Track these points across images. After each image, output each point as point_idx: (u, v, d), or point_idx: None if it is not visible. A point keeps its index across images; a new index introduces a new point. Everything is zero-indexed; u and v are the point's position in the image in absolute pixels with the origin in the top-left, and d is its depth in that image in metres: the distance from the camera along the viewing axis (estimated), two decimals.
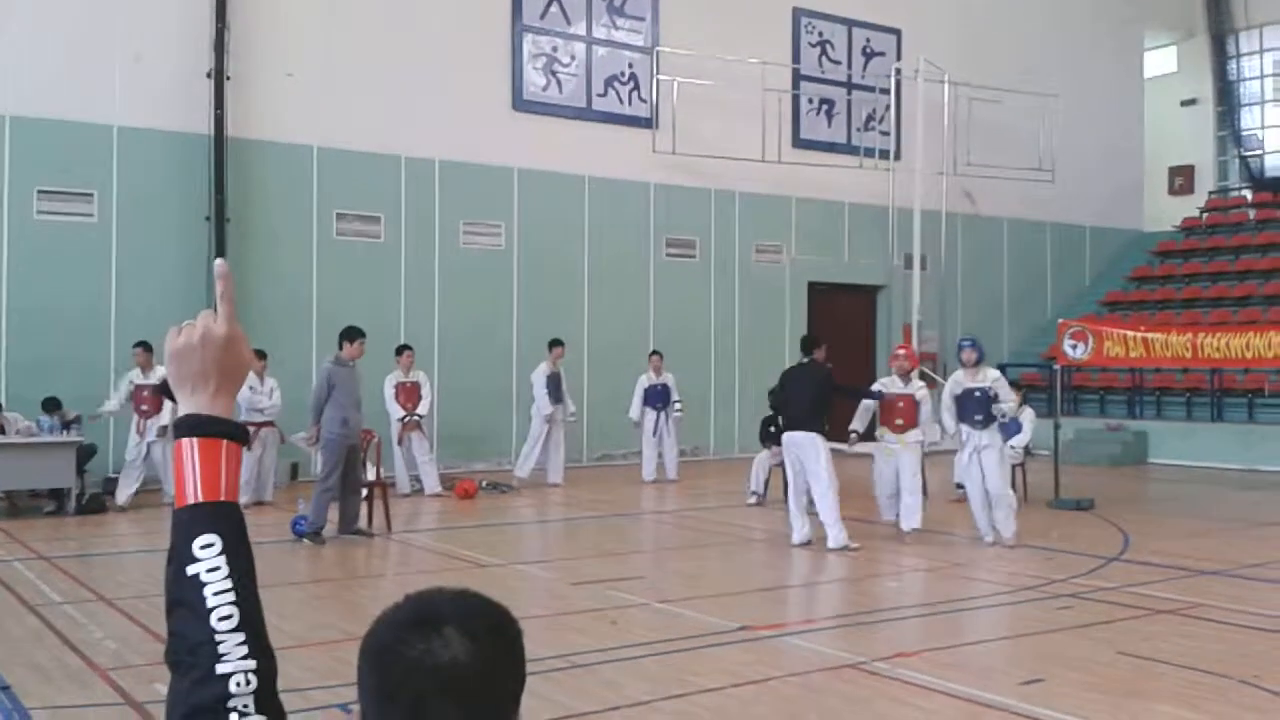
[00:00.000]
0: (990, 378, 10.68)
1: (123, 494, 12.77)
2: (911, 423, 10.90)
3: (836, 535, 10.20)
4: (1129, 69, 25.11)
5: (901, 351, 11.68)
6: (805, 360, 10.95)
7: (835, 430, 10.94)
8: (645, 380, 15.96)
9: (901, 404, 10.94)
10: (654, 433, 15.79)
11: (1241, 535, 11.66)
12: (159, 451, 12.74)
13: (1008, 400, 10.64)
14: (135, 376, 12.94)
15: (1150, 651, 6.67)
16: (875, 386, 11.49)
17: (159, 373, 12.86)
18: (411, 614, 1.43)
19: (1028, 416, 14.06)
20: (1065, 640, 7.04)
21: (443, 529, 12.25)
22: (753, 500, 13.40)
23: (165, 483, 12.77)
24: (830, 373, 10.87)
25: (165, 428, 12.82)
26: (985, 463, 10.39)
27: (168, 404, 12.77)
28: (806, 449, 10.35)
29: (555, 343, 15.42)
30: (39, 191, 14.21)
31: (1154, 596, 8.30)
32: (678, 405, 16.01)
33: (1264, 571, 9.35)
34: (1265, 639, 7.10)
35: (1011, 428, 13.86)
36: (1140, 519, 12.49)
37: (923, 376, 19.33)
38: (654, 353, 16.29)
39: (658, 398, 15.85)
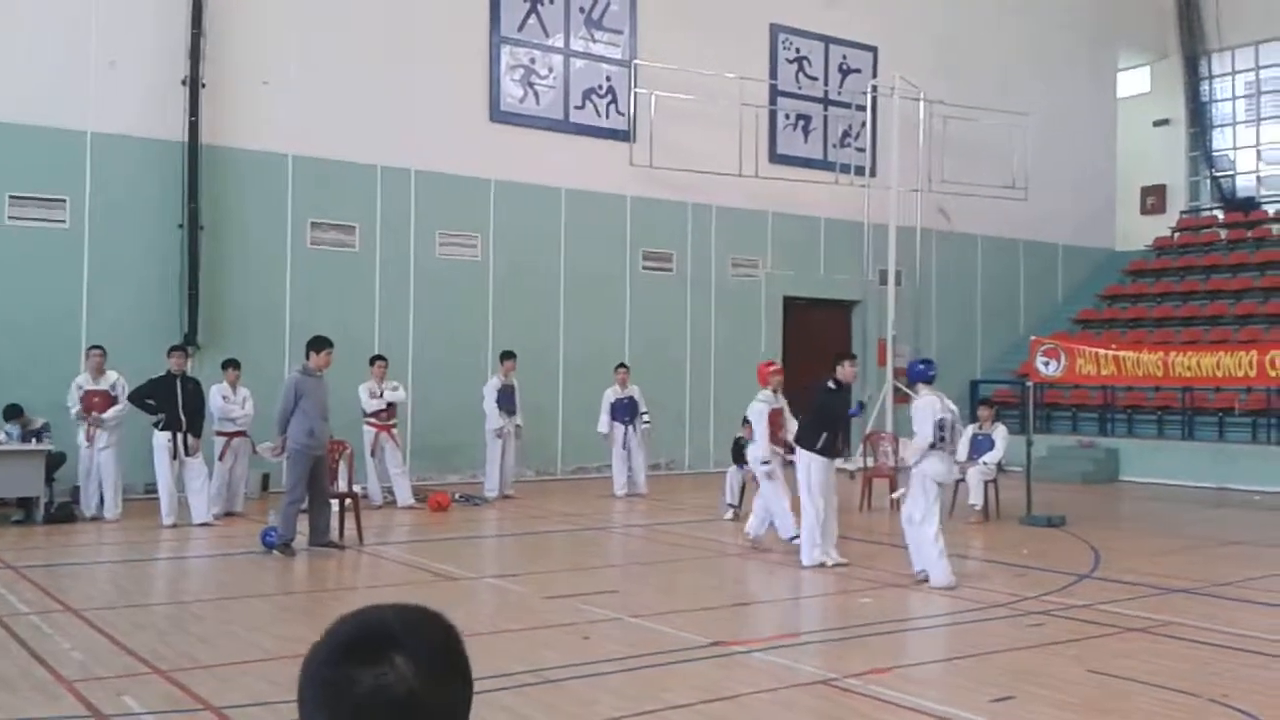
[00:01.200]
0: (917, 403, 9.96)
1: (89, 504, 12.64)
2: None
3: (807, 553, 10.23)
4: (1103, 89, 25.35)
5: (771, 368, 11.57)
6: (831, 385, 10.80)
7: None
8: (611, 394, 15.90)
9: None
10: (623, 446, 15.76)
11: (1212, 553, 11.73)
12: (109, 459, 12.60)
13: (920, 427, 9.68)
14: (84, 381, 12.79)
15: (1120, 669, 6.70)
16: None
17: (109, 378, 12.75)
18: (353, 644, 1.37)
19: (1000, 433, 14.14)
20: (1036, 658, 7.06)
21: (415, 541, 12.18)
22: (729, 515, 13.36)
23: (107, 491, 12.61)
24: (826, 391, 10.60)
25: (100, 420, 12.60)
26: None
27: (114, 409, 12.65)
28: (799, 465, 10.44)
29: (506, 355, 15.46)
30: (10, 197, 14.09)
31: (1124, 614, 8.34)
32: (645, 417, 15.97)
33: (1234, 590, 9.40)
34: (1235, 657, 7.14)
35: (984, 444, 13.95)
36: (1111, 536, 12.55)
37: (896, 392, 19.55)
38: (620, 365, 16.27)
39: (625, 411, 15.80)
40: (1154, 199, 26.69)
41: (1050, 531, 12.69)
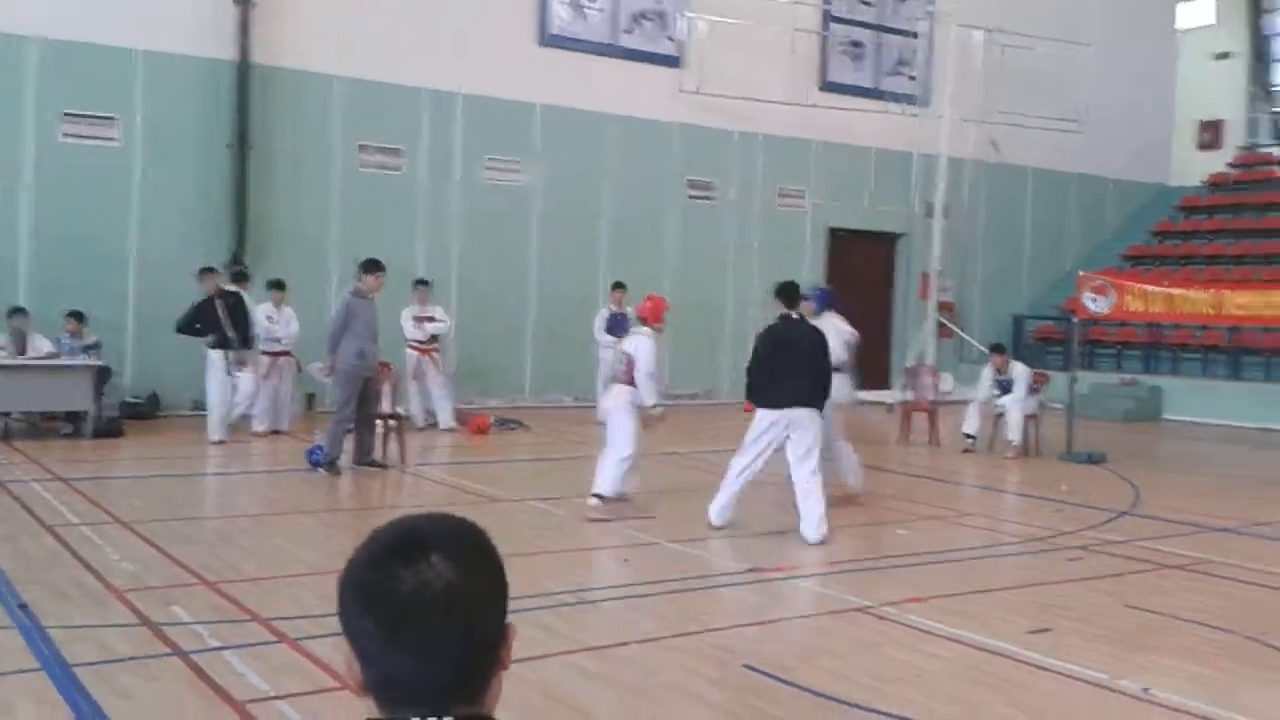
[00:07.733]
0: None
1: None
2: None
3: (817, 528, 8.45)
4: (1163, 20, 24.75)
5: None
6: (795, 317, 8.69)
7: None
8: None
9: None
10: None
11: (1254, 494, 11.64)
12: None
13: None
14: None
15: (1158, 606, 6.71)
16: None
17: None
18: (393, 548, 1.43)
19: (1018, 372, 13.79)
20: (1073, 592, 7.08)
21: (456, 463, 12.33)
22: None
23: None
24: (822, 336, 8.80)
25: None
26: None
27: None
28: (809, 428, 8.49)
29: (617, 285, 15.34)
30: (64, 114, 14.18)
31: (1163, 551, 8.33)
32: None
33: (1275, 530, 9.35)
34: (1274, 597, 7.13)
35: (1009, 388, 13.76)
36: (1152, 474, 12.49)
37: (940, 326, 19.43)
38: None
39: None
40: (1210, 134, 26.10)
41: (1090, 468, 12.64)
